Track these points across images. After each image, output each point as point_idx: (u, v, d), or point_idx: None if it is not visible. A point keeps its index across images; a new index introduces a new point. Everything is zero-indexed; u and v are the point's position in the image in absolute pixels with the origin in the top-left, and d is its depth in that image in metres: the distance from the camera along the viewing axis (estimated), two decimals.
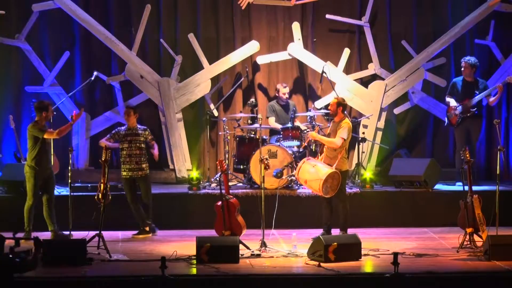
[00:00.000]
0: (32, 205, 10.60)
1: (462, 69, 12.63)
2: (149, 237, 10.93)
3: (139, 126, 11.22)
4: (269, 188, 11.16)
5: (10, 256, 7.35)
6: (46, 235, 10.48)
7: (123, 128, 11.23)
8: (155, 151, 11.23)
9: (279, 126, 12.48)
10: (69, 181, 10.13)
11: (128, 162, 11.03)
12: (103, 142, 10.92)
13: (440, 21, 13.62)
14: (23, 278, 8.23)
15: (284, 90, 12.73)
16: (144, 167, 11.09)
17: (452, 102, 12.61)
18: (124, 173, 11.09)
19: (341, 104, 10.46)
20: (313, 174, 10.19)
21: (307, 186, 10.46)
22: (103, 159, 9.99)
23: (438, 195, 11.79)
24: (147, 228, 11.01)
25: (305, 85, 13.65)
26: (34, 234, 10.27)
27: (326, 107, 13.10)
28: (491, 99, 12.63)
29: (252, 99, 12.91)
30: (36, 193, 10.56)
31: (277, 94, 12.87)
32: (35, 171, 10.48)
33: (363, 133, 12.93)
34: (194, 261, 9.12)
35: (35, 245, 7.66)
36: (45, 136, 10.42)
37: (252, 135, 12.27)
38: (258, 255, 9.53)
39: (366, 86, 13.39)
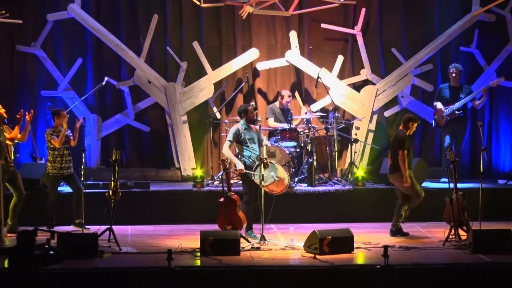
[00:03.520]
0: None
1: (453, 74, 12.82)
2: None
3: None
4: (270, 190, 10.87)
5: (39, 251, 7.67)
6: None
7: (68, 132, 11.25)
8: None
9: (278, 125, 12.67)
10: (82, 179, 10.35)
11: (60, 161, 11.03)
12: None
13: (427, 30, 13.83)
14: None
15: (288, 99, 12.84)
16: (71, 166, 11.20)
17: (439, 105, 12.86)
18: (55, 171, 11.04)
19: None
20: (282, 173, 10.52)
21: (276, 186, 10.47)
22: (113, 159, 10.12)
23: (425, 192, 11.19)
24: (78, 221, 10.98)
25: (301, 90, 13.83)
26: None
27: (321, 110, 13.41)
28: (477, 102, 12.89)
29: (252, 103, 12.58)
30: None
31: (280, 100, 12.92)
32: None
33: (356, 134, 13.14)
34: (199, 254, 9.25)
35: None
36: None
37: None
38: (258, 248, 9.68)
39: (359, 91, 13.63)
